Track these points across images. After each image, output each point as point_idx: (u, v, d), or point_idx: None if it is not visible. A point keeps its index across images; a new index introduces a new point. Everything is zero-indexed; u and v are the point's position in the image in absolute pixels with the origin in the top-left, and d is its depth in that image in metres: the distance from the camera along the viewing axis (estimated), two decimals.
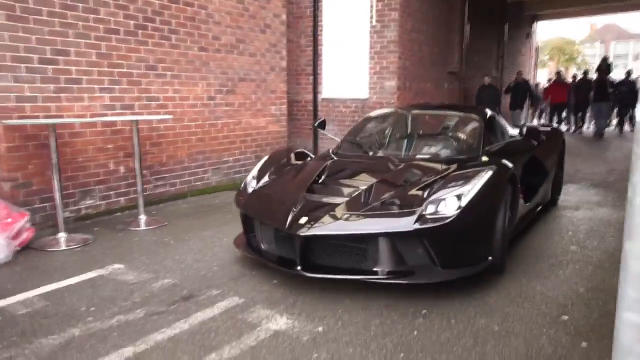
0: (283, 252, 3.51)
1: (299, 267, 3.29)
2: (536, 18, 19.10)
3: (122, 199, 5.66)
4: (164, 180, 6.16)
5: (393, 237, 3.17)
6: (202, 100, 6.57)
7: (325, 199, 3.58)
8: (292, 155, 4.61)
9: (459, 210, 3.15)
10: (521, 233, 4.55)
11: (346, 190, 3.69)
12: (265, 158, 4.53)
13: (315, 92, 9.60)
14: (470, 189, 3.28)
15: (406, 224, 3.13)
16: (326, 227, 3.25)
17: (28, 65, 4.65)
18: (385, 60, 8.89)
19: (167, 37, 5.97)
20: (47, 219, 4.85)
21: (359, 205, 3.41)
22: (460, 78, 12.24)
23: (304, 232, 3.22)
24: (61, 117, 4.94)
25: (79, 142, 5.17)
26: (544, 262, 4.00)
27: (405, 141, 4.75)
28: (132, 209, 5.58)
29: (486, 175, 3.42)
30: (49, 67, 4.83)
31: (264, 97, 7.64)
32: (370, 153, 4.56)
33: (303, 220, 3.29)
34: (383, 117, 5.39)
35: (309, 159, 4.61)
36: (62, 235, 4.50)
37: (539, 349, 2.66)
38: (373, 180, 3.79)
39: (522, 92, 12.67)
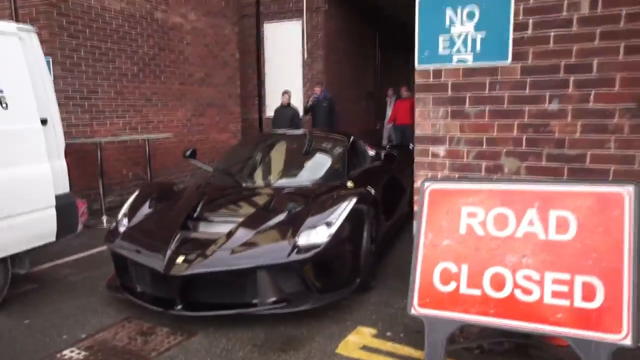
0: (161, 292, 3.49)
1: (179, 307, 3.33)
2: None
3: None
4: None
5: (270, 270, 3.32)
6: (182, 122, 8.75)
7: (201, 236, 3.66)
8: (168, 187, 4.73)
9: (329, 238, 3.41)
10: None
11: (222, 225, 3.73)
12: (136, 193, 4.51)
13: (260, 112, 11.99)
14: (338, 217, 3.55)
15: (282, 255, 3.31)
16: (203, 264, 3.30)
17: (74, 101, 6.71)
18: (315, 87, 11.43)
19: (158, 76, 8.14)
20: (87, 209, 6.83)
21: (235, 240, 3.47)
22: (375, 97, 15.09)
23: (181, 272, 3.26)
24: (92, 137, 6.98)
25: (104, 154, 7.20)
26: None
27: (275, 169, 4.93)
28: None
29: (352, 202, 3.70)
30: (85, 102, 6.88)
31: (225, 118, 9.91)
32: (243, 184, 4.56)
33: (180, 259, 3.34)
34: (252, 145, 5.59)
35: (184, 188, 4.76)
36: (104, 218, 6.56)
37: None
38: (247, 211, 3.90)
39: (325, 110, 10.17)
